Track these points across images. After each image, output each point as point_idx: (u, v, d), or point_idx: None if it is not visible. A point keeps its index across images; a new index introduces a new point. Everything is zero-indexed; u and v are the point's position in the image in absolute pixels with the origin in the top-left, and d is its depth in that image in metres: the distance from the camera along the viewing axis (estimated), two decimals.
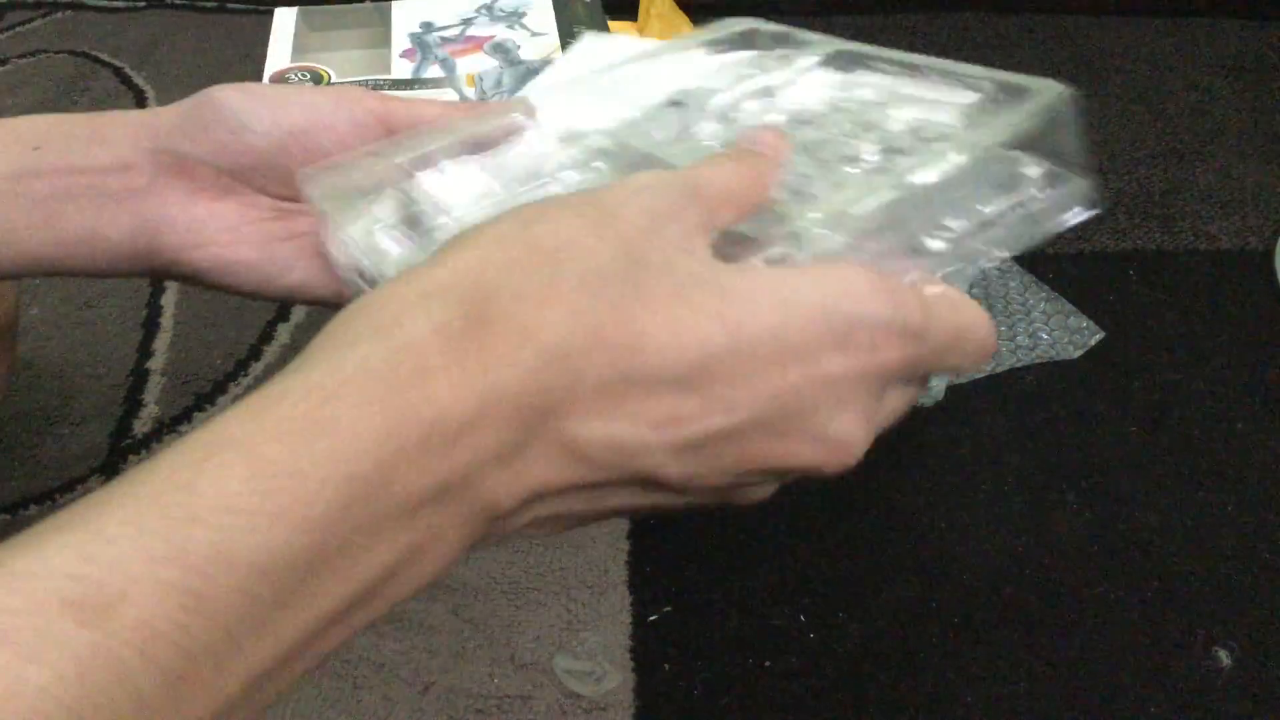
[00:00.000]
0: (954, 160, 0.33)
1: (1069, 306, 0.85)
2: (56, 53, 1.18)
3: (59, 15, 1.26)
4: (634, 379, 0.27)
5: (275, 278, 0.43)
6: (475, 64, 0.67)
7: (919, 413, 0.77)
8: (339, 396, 0.25)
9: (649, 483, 0.29)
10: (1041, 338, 0.83)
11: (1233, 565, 0.69)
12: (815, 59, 0.44)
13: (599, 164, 0.40)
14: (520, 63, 0.67)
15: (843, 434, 0.29)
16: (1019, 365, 0.81)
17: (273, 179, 0.43)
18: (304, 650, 0.25)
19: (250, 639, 0.23)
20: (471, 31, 0.70)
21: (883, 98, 0.41)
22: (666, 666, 0.63)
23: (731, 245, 0.31)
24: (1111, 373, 0.81)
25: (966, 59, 0.40)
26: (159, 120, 0.42)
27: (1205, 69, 1.16)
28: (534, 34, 0.69)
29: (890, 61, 0.42)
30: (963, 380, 0.79)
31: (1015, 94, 0.37)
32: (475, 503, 0.27)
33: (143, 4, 1.28)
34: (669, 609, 0.66)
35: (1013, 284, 0.86)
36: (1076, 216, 0.35)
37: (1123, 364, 0.82)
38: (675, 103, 0.43)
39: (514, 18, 0.74)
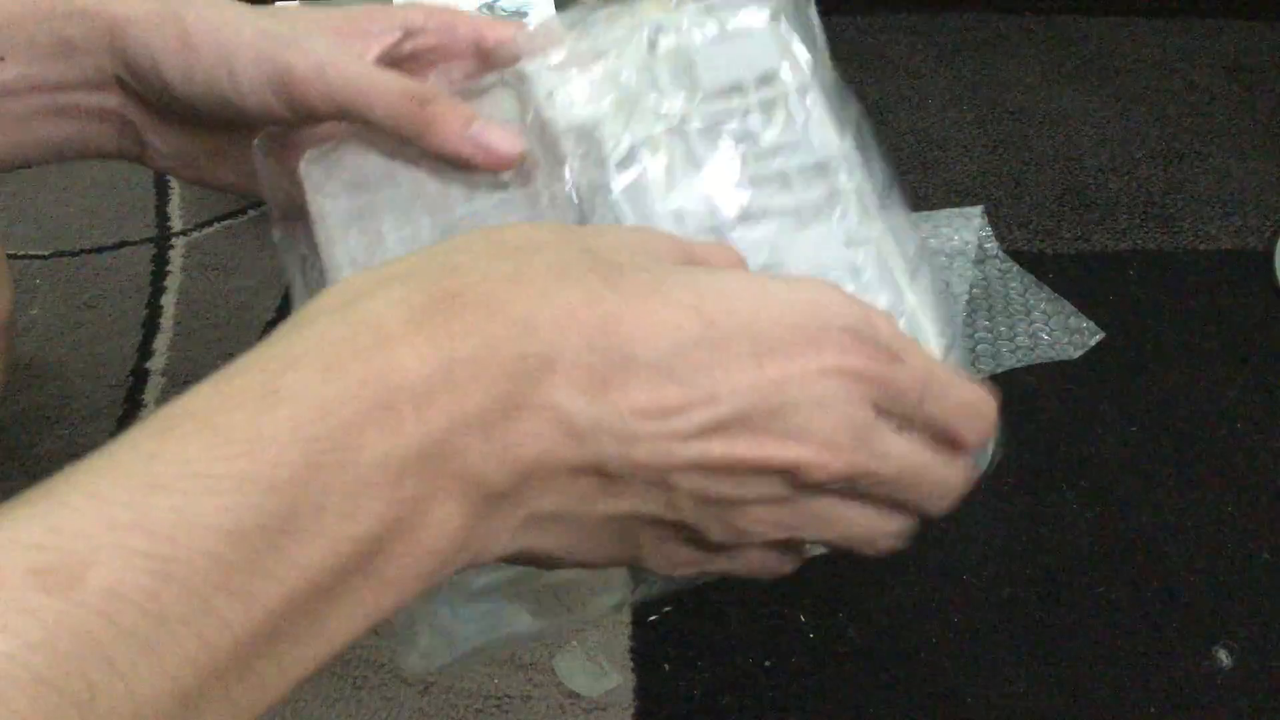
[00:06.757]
0: None
1: (1069, 307, 0.85)
2: None
3: None
4: (611, 359, 0.27)
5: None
6: None
7: None
8: (296, 367, 0.26)
9: (656, 486, 0.29)
10: (1041, 338, 0.83)
11: (1233, 565, 0.69)
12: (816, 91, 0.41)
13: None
14: None
15: (825, 433, 0.29)
16: (1019, 365, 0.81)
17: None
18: (298, 626, 0.25)
19: (227, 605, 0.23)
20: None
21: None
22: (666, 666, 0.63)
23: None
24: (1111, 373, 0.81)
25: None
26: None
27: (1205, 69, 1.16)
28: None
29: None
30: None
31: None
32: (461, 474, 0.27)
33: None
34: (669, 609, 0.66)
35: (1013, 284, 0.86)
36: None
37: (1123, 364, 0.82)
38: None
39: (516, 17, 0.74)
